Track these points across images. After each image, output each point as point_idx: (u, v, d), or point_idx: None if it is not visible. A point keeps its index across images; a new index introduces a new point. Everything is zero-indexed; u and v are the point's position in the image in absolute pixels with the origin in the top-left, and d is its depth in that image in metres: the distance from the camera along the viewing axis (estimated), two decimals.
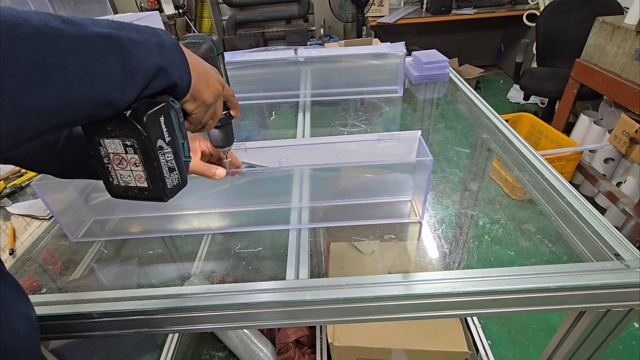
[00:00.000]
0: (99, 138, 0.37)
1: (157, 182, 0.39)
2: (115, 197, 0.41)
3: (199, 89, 0.42)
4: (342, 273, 0.87)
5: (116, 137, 0.36)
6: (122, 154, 0.37)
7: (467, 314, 0.92)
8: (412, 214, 0.76)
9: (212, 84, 0.44)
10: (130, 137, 0.36)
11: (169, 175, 0.40)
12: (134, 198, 0.41)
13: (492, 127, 0.96)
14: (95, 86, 0.30)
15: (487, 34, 3.75)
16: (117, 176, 0.39)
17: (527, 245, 0.71)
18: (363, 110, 1.24)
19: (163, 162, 0.39)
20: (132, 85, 0.33)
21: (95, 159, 0.38)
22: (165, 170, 0.40)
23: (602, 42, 1.83)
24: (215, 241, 0.89)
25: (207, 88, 0.43)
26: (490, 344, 1.40)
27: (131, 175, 0.39)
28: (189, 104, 0.42)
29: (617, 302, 0.55)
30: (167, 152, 0.39)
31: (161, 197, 0.41)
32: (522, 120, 2.32)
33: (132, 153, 0.37)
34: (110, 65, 0.31)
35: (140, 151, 0.37)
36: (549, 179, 0.74)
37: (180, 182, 0.42)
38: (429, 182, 0.67)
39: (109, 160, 0.38)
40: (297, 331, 1.37)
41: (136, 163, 0.38)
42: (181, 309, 0.55)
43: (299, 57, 1.19)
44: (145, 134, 0.36)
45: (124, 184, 0.40)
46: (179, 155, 0.41)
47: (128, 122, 0.35)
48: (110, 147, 0.37)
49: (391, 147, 0.76)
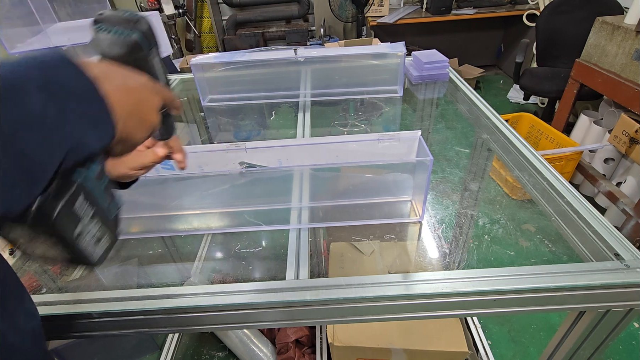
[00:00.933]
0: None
1: (83, 259, 0.34)
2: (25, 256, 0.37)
3: (128, 131, 0.32)
4: (342, 273, 0.88)
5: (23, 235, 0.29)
6: (34, 237, 0.30)
7: (467, 314, 0.92)
8: (412, 214, 0.76)
9: (147, 117, 0.35)
10: (40, 233, 0.29)
11: (94, 248, 0.34)
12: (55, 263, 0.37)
13: (492, 127, 0.96)
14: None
15: (487, 34, 3.75)
16: (31, 252, 0.32)
17: (527, 245, 0.71)
18: (363, 110, 1.24)
19: (86, 241, 0.33)
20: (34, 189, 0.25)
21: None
22: (91, 246, 0.34)
23: (602, 42, 1.83)
24: (215, 241, 0.89)
25: (140, 126, 0.34)
26: (490, 344, 1.40)
27: (48, 251, 0.32)
28: (115, 148, 0.33)
29: (617, 302, 0.55)
30: (90, 228, 0.33)
31: (91, 264, 0.35)
32: (522, 120, 2.32)
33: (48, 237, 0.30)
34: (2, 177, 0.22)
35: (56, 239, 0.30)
36: (549, 179, 0.74)
37: (111, 243, 0.37)
38: (429, 182, 0.67)
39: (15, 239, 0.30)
40: (297, 331, 1.37)
41: (54, 244, 0.31)
42: (181, 309, 0.55)
43: (299, 57, 1.19)
44: (61, 233, 0.29)
45: (40, 253, 0.32)
46: (107, 218, 0.35)
47: (34, 226, 0.28)
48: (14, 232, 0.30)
49: (391, 147, 0.76)
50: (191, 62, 1.19)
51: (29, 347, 0.38)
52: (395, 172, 0.75)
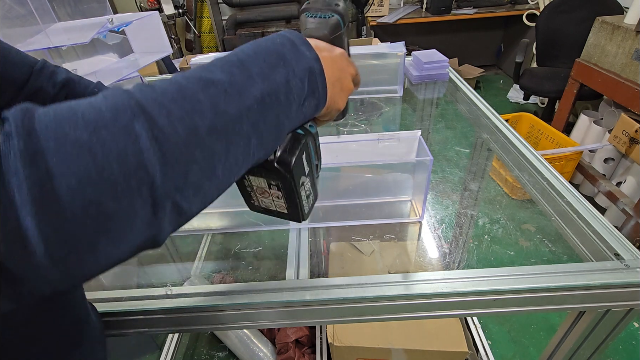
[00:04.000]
0: (245, 174, 0.37)
1: (295, 210, 0.41)
2: (254, 211, 0.43)
3: (334, 100, 0.38)
4: (342, 273, 0.87)
5: (262, 177, 0.37)
6: (266, 189, 0.38)
7: (467, 313, 0.92)
8: (412, 214, 0.76)
9: (346, 85, 0.40)
10: (276, 179, 0.36)
11: (306, 202, 0.41)
12: (272, 215, 0.43)
13: (492, 127, 0.96)
14: (250, 159, 0.29)
15: (487, 34, 3.75)
16: (259, 200, 0.41)
17: (527, 245, 0.71)
18: (363, 110, 1.24)
19: (303, 194, 0.39)
20: (278, 142, 0.33)
21: (238, 186, 0.39)
22: (304, 199, 0.40)
23: (602, 42, 1.83)
24: (215, 241, 0.89)
25: (341, 94, 0.39)
26: (490, 344, 1.40)
27: (272, 203, 0.40)
28: (322, 115, 0.39)
29: (617, 302, 0.55)
30: (307, 183, 0.39)
31: (299, 220, 0.42)
32: (522, 120, 2.32)
33: (276, 189, 0.38)
34: (263, 133, 0.29)
35: (283, 191, 0.38)
36: (548, 178, 0.74)
37: (314, 201, 0.43)
38: (429, 181, 0.67)
39: (252, 190, 0.39)
40: (297, 331, 1.37)
41: (278, 197, 0.39)
42: (181, 309, 0.55)
43: None
44: (292, 179, 0.36)
45: (265, 206, 0.41)
46: (315, 178, 0.42)
47: (274, 169, 0.35)
48: (254, 182, 0.38)
49: (391, 147, 0.76)
50: (191, 62, 1.19)
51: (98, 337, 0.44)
52: (395, 172, 0.75)
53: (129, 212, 0.21)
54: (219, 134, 0.25)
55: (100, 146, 0.20)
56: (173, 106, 0.23)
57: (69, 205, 0.19)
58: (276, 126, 0.30)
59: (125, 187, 0.21)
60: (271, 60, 0.30)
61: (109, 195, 0.20)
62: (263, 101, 0.28)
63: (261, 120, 0.28)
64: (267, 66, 0.29)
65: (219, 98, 0.26)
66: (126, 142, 0.21)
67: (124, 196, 0.21)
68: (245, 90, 0.27)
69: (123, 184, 0.21)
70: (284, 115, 0.31)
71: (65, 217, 0.19)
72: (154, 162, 0.22)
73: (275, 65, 0.30)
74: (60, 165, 0.19)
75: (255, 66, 0.29)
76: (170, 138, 0.23)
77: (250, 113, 0.27)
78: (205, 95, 0.25)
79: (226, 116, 0.26)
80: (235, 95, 0.27)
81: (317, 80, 0.33)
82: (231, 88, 0.27)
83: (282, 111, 0.30)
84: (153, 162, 0.22)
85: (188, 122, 0.24)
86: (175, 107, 0.24)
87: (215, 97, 0.26)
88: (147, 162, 0.22)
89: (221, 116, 0.26)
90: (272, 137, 0.31)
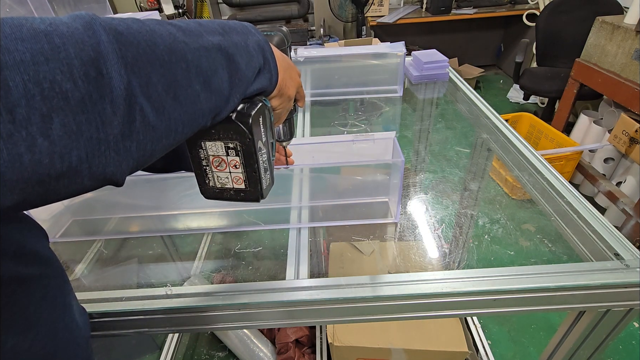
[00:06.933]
0: (201, 141, 0.37)
1: (254, 184, 0.40)
2: (208, 199, 0.42)
3: (285, 84, 0.41)
4: (342, 273, 0.87)
5: (219, 139, 0.36)
6: (223, 156, 0.38)
7: (467, 314, 0.92)
8: (389, 215, 0.75)
9: (294, 77, 0.44)
10: (234, 139, 0.36)
11: (264, 176, 0.40)
12: (228, 199, 0.41)
13: (492, 127, 0.96)
14: (211, 100, 0.30)
15: (487, 34, 3.75)
16: (214, 178, 0.40)
17: (527, 245, 0.71)
18: (363, 110, 1.24)
19: (261, 162, 0.39)
20: (237, 93, 0.33)
21: (194, 161, 0.39)
22: (262, 170, 0.40)
23: (602, 41, 1.83)
24: (215, 241, 0.89)
25: (291, 82, 0.43)
26: (490, 344, 1.40)
27: (229, 177, 0.39)
28: (275, 99, 0.41)
29: (617, 302, 0.55)
30: (264, 152, 0.39)
31: (257, 198, 0.41)
32: (522, 120, 2.32)
33: (234, 155, 0.37)
34: (221, 76, 0.30)
35: (242, 153, 0.37)
36: (548, 178, 0.74)
37: (271, 182, 0.43)
38: (402, 182, 0.67)
39: (208, 163, 0.38)
40: (297, 331, 1.37)
41: (236, 165, 0.38)
42: (181, 309, 0.55)
43: (299, 57, 1.19)
44: (250, 135, 0.36)
45: (220, 185, 0.40)
46: (271, 155, 0.42)
47: (233, 124, 0.35)
48: (211, 149, 0.37)
49: (366, 148, 0.76)
50: None
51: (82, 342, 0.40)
52: (382, 173, 0.75)
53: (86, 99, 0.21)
54: (177, 57, 0.26)
55: (58, 35, 0.20)
56: (132, 24, 0.24)
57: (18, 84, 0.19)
58: (234, 76, 0.31)
59: (82, 73, 0.20)
60: (226, 29, 0.33)
61: (65, 76, 0.20)
62: (220, 49, 0.30)
63: (220, 66, 0.30)
64: (224, 31, 0.32)
65: (177, 33, 0.27)
66: (84, 36, 0.21)
67: (83, 81, 0.20)
68: (202, 37, 0.29)
69: (79, 68, 0.20)
70: (242, 73, 0.32)
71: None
72: (112, 55, 0.22)
73: (231, 32, 0.33)
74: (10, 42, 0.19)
75: (212, 28, 0.31)
76: (130, 40, 0.23)
77: (209, 53, 0.29)
78: (164, 29, 0.26)
79: (184, 46, 0.27)
80: (194, 36, 0.28)
81: (268, 57, 0.37)
82: (189, 31, 0.28)
83: (240, 68, 0.32)
84: (112, 56, 0.22)
85: (147, 38, 0.24)
86: (135, 25, 0.24)
87: (174, 32, 0.27)
88: (105, 53, 0.21)
89: (179, 44, 0.26)
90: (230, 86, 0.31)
